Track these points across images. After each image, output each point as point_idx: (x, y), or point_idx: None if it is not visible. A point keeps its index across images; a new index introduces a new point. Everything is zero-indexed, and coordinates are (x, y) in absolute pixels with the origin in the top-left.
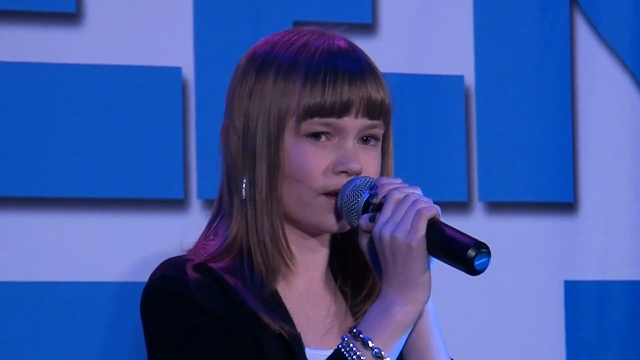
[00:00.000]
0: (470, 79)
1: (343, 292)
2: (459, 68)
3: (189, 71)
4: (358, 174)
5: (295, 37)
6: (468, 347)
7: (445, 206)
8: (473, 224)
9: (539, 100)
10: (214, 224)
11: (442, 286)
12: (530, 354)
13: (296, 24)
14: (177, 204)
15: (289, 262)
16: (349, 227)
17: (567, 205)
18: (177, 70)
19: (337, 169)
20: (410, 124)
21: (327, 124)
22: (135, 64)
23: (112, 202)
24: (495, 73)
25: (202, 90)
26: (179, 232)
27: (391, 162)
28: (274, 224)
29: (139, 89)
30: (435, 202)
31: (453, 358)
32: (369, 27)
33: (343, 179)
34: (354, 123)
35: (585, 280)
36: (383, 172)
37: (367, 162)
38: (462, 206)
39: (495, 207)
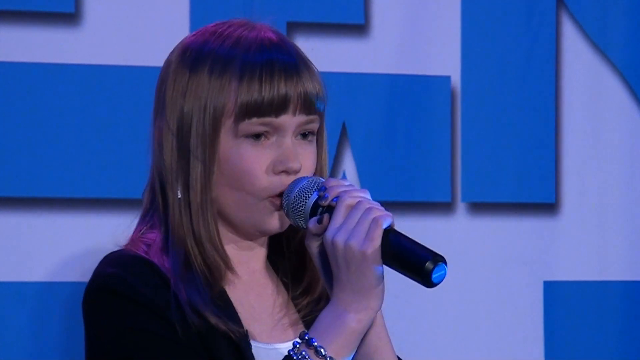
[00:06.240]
0: (456, 80)
1: (284, 284)
2: (446, 69)
3: None
4: (297, 172)
5: (228, 30)
6: (447, 347)
7: (429, 206)
8: (456, 224)
9: (523, 101)
10: (147, 218)
11: (418, 285)
12: (509, 354)
13: (290, 24)
14: None
15: (226, 262)
16: (287, 226)
17: (548, 206)
18: None
19: (277, 169)
20: (398, 123)
21: (265, 124)
22: (134, 64)
23: (111, 203)
24: (481, 74)
25: None
26: None
27: (325, 155)
28: (209, 226)
29: (138, 89)
30: (418, 202)
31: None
32: (361, 28)
33: (284, 179)
34: (291, 120)
35: (564, 280)
36: (318, 166)
37: (305, 157)
38: (445, 206)
39: (478, 207)
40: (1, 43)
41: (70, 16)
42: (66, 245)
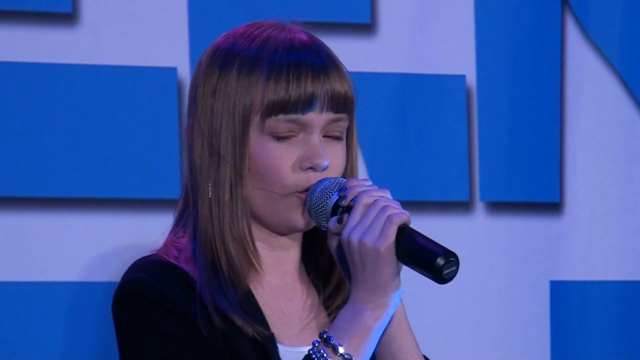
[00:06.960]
0: (471, 79)
1: (316, 286)
2: (461, 68)
3: (184, 71)
4: (325, 168)
5: (257, 30)
6: (454, 346)
7: (447, 206)
8: (474, 224)
9: (531, 101)
10: (182, 221)
11: (429, 283)
12: (516, 353)
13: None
14: (174, 203)
15: (255, 262)
16: (314, 224)
17: (552, 205)
18: (172, 71)
19: (304, 165)
20: (412, 124)
21: (291, 120)
22: (131, 65)
23: (109, 202)
24: (496, 73)
25: None
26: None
27: (356, 155)
28: (239, 225)
29: (135, 89)
30: (437, 202)
31: (428, 357)
32: (368, 27)
33: (311, 175)
34: (318, 118)
35: (570, 280)
36: (348, 166)
37: (333, 156)
38: (463, 206)
39: (496, 207)
40: None
41: (67, 16)
42: (66, 245)
